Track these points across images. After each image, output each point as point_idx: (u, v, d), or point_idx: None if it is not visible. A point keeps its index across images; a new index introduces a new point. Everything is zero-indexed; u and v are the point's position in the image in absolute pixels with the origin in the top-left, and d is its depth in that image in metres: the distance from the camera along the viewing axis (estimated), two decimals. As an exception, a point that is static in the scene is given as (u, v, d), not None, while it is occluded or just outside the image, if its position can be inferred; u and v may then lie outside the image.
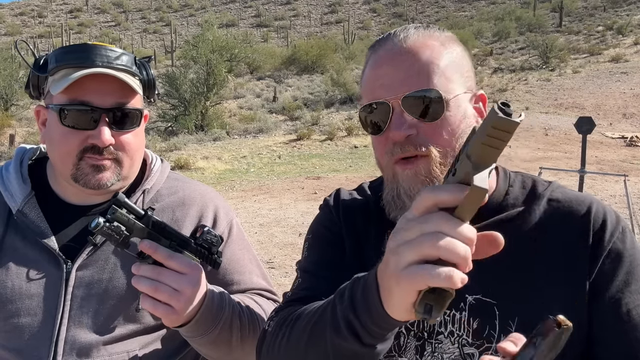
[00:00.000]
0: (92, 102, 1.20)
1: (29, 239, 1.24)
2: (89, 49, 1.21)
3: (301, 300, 1.05)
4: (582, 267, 0.97)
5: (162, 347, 1.29)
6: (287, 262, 6.71)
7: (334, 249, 1.11)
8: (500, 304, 0.96)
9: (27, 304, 1.21)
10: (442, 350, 0.98)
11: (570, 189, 1.09)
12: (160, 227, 1.07)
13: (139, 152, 1.32)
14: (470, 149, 0.65)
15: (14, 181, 1.29)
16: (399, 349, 1.01)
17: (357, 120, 16.94)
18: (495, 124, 0.60)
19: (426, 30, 1.02)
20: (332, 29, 74.60)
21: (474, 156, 0.64)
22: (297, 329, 0.93)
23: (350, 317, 0.81)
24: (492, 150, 0.63)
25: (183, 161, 13.87)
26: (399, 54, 0.98)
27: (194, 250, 1.12)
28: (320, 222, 1.18)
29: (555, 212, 1.02)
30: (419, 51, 0.98)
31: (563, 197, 1.04)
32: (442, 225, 0.67)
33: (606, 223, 0.99)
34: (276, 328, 1.00)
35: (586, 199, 1.04)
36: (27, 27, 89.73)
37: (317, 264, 1.12)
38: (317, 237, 1.17)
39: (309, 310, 0.94)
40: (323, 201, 1.22)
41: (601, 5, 56.74)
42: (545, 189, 1.06)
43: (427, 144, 0.96)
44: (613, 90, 22.62)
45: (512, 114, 0.60)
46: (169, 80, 20.31)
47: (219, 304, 1.18)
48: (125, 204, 1.04)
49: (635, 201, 8.46)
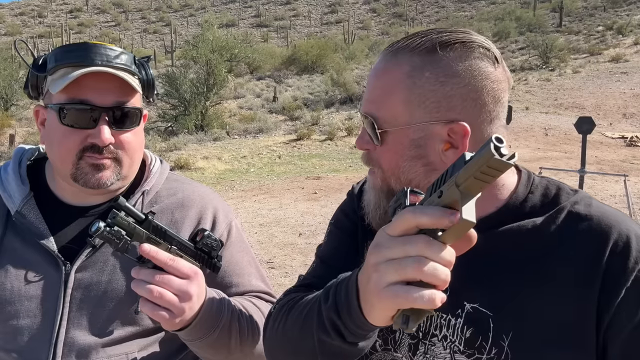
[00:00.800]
0: (92, 101, 1.19)
1: (28, 240, 1.23)
2: (89, 48, 1.20)
3: (308, 286, 1.10)
4: (590, 294, 0.88)
5: (161, 349, 1.28)
6: (287, 262, 6.71)
7: (350, 239, 1.13)
8: (496, 317, 0.93)
9: (26, 305, 1.20)
10: (434, 353, 0.98)
11: (599, 202, 0.99)
12: (160, 231, 1.07)
13: (139, 152, 1.31)
14: (459, 178, 0.67)
15: (13, 182, 1.29)
16: (394, 343, 1.02)
17: (357, 120, 16.98)
18: (490, 163, 0.63)
19: (402, 55, 0.96)
20: (332, 29, 74.60)
21: (463, 186, 0.67)
22: (291, 319, 0.99)
23: (334, 318, 0.86)
24: (481, 183, 0.66)
25: (183, 161, 13.87)
26: (373, 72, 1.01)
27: (194, 255, 1.12)
28: (342, 208, 1.21)
29: (572, 227, 0.94)
30: (383, 76, 0.98)
31: (585, 211, 0.95)
32: (426, 250, 0.69)
33: (630, 248, 0.89)
34: (277, 312, 1.04)
35: (611, 216, 0.93)
36: (27, 27, 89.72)
37: (331, 253, 1.15)
38: (336, 224, 1.19)
39: (303, 302, 0.98)
40: (351, 187, 1.24)
41: (601, 5, 56.75)
42: (568, 200, 0.97)
43: (375, 163, 1.01)
44: (613, 90, 22.61)
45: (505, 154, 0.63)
46: (169, 80, 20.30)
47: (218, 308, 1.17)
48: (126, 207, 1.03)
49: (635, 201, 8.45)
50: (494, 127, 0.96)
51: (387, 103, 0.96)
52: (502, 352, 0.91)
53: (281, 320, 1.01)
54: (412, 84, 0.94)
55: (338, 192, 10.62)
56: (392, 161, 0.98)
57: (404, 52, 0.96)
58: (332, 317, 0.86)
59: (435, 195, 0.71)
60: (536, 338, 0.90)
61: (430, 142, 0.95)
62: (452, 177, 0.68)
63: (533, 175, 1.04)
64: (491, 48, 0.96)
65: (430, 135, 0.94)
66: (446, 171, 0.71)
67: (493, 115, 0.95)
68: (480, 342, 0.93)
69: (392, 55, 0.98)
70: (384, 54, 1.01)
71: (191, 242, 1.13)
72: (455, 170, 0.68)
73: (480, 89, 0.93)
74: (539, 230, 0.95)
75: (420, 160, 0.96)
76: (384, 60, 1.00)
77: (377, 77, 0.99)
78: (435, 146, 0.94)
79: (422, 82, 0.93)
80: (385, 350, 1.03)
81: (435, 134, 0.94)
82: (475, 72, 0.93)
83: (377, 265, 0.73)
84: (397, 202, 0.82)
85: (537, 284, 0.92)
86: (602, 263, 0.89)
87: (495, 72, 0.95)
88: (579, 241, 0.92)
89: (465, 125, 0.92)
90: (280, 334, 1.00)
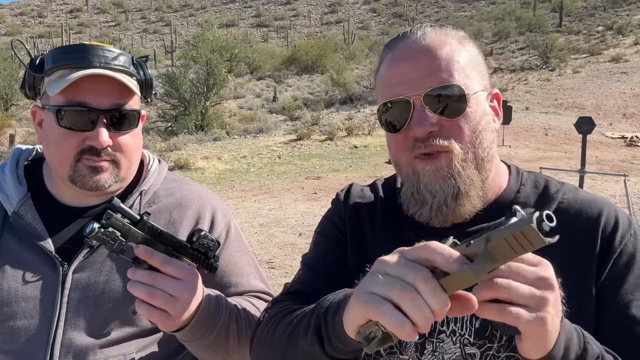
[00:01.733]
0: (90, 103, 1.19)
1: (25, 241, 1.23)
2: (87, 50, 1.20)
3: (295, 293, 1.10)
4: (588, 272, 0.96)
5: (159, 350, 1.28)
6: (287, 262, 6.70)
7: (337, 247, 1.13)
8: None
9: (23, 306, 1.20)
10: (443, 349, 0.97)
11: (584, 191, 1.07)
12: (156, 232, 1.06)
13: (137, 153, 1.31)
14: (492, 234, 0.65)
15: (10, 182, 1.28)
16: (400, 345, 1.01)
17: (357, 120, 16.92)
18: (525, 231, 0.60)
19: (442, 29, 1.03)
20: (332, 29, 74.57)
21: (491, 245, 0.65)
22: (280, 330, 0.98)
23: (320, 319, 0.87)
24: (509, 250, 0.63)
25: (183, 161, 13.87)
26: (417, 51, 0.99)
27: (190, 255, 1.11)
28: (328, 217, 1.20)
29: (564, 215, 0.99)
30: (438, 48, 0.98)
31: (574, 200, 1.02)
32: (420, 283, 0.69)
33: (618, 226, 0.98)
34: (266, 323, 1.04)
35: (598, 201, 1.02)
36: (27, 27, 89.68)
37: (318, 260, 1.14)
38: (323, 232, 1.18)
39: (292, 315, 0.99)
40: (335, 195, 1.22)
41: (601, 5, 56.71)
42: (557, 191, 1.04)
43: (449, 139, 0.96)
44: (613, 90, 22.60)
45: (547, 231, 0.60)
46: (169, 80, 20.30)
47: (216, 309, 1.16)
48: (121, 209, 1.02)
49: (635, 201, 8.44)
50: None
51: (455, 70, 0.97)
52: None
53: (269, 330, 1.01)
54: (467, 52, 1.01)
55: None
56: (471, 130, 0.98)
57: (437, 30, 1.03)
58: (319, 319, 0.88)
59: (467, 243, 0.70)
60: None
61: (487, 109, 1.02)
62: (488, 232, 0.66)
63: (521, 170, 1.10)
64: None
65: (485, 102, 1.02)
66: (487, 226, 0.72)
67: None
68: (490, 331, 0.95)
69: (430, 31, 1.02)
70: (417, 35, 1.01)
71: (187, 243, 1.12)
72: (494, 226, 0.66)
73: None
74: None
75: (489, 125, 1.01)
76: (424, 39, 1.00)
77: (427, 52, 0.98)
78: (490, 113, 1.02)
79: (472, 51, 1.03)
80: (390, 354, 1.02)
81: (486, 101, 1.02)
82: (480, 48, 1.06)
83: (373, 274, 0.75)
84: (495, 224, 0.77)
85: None
86: (597, 240, 0.97)
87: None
88: (573, 225, 0.99)
89: (499, 94, 1.05)
90: (268, 345, 1.01)
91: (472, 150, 0.97)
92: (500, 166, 1.08)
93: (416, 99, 0.96)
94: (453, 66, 0.97)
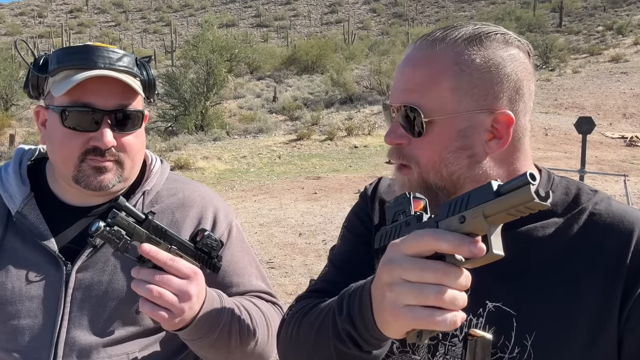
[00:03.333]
0: (94, 103, 1.19)
1: (29, 240, 1.24)
2: (91, 51, 1.20)
3: (320, 291, 1.09)
4: (614, 292, 0.89)
5: (162, 349, 1.28)
6: (287, 262, 6.71)
7: (362, 243, 1.11)
8: (520, 316, 0.92)
9: (27, 306, 1.20)
10: (454, 353, 0.97)
11: (617, 202, 0.99)
12: (160, 231, 1.07)
13: (140, 154, 1.32)
14: (489, 210, 0.66)
15: (13, 182, 1.29)
16: (412, 345, 1.00)
17: (357, 120, 16.91)
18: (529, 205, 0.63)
19: (450, 42, 0.94)
20: (332, 29, 74.57)
21: (492, 219, 0.67)
22: (305, 326, 0.98)
23: (349, 329, 0.86)
24: (510, 217, 0.66)
25: (183, 161, 13.87)
26: (408, 61, 0.98)
27: (194, 255, 1.12)
28: (355, 212, 1.19)
29: (594, 227, 0.94)
30: (425, 64, 0.95)
31: (606, 211, 0.96)
32: (444, 278, 0.70)
33: None
34: (290, 319, 1.04)
35: (633, 215, 0.95)
36: (27, 27, 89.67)
37: (343, 257, 1.14)
38: (349, 227, 1.17)
39: (317, 310, 0.98)
40: (364, 189, 1.21)
41: (601, 5, 56.72)
42: (589, 200, 0.98)
43: (410, 157, 0.97)
44: (613, 90, 22.61)
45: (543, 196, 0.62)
46: (169, 80, 20.31)
47: (218, 308, 1.17)
48: (126, 207, 1.03)
49: (635, 201, 8.45)
50: (527, 119, 0.98)
51: (432, 91, 0.93)
52: (525, 351, 0.91)
53: (294, 326, 1.01)
54: (459, 71, 0.93)
55: (338, 192, 10.62)
56: (435, 153, 0.94)
57: (445, 41, 0.95)
58: (348, 329, 0.86)
59: (456, 219, 0.70)
60: (560, 337, 0.90)
61: (475, 132, 0.93)
62: (479, 206, 0.67)
63: (553, 175, 1.05)
64: (525, 42, 0.98)
65: (476, 124, 0.93)
66: (468, 195, 0.70)
67: (528, 107, 0.97)
68: (502, 341, 0.93)
69: (430, 44, 0.96)
70: (419, 43, 0.98)
71: (191, 242, 1.13)
72: (480, 197, 0.67)
73: (521, 79, 0.95)
74: (562, 230, 0.95)
75: (466, 151, 0.94)
76: (421, 49, 0.97)
77: (416, 66, 0.96)
78: (480, 136, 0.93)
79: (471, 69, 0.93)
80: (402, 353, 1.01)
81: (480, 123, 0.93)
82: (517, 62, 0.94)
83: (392, 285, 0.74)
84: (399, 207, 0.82)
85: (561, 283, 0.92)
86: (627, 261, 0.90)
87: (530, 65, 0.97)
88: (603, 241, 0.93)
89: (511, 115, 0.93)
90: (295, 340, 1.00)
91: (434, 174, 0.95)
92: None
93: (393, 108, 0.98)
94: (428, 87, 0.94)
